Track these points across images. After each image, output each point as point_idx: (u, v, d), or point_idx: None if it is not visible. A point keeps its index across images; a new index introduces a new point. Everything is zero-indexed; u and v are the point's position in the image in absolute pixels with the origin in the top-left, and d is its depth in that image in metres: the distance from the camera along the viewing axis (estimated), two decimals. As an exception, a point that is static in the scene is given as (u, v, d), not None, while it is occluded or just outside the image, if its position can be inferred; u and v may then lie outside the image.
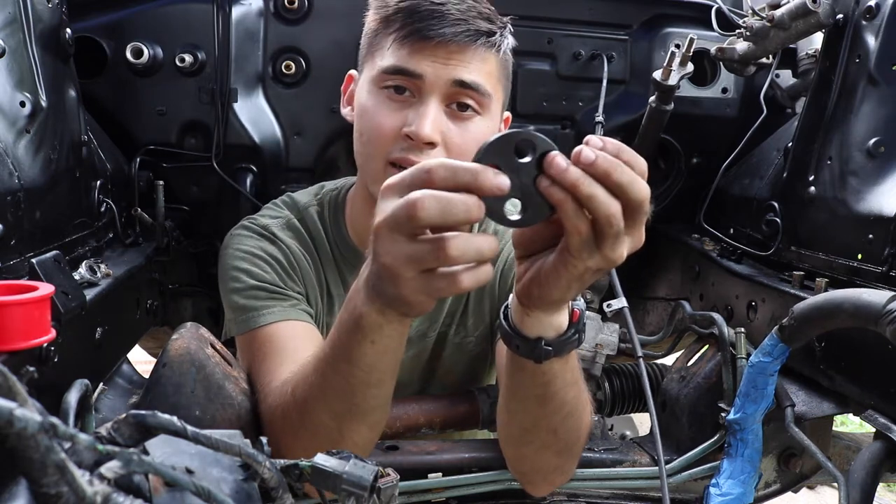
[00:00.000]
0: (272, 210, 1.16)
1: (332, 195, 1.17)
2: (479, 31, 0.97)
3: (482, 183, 0.58)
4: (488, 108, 1.00)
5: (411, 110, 0.97)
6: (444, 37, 0.94)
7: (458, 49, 0.96)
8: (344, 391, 0.77)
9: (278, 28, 1.45)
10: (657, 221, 1.71)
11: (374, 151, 0.99)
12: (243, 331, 1.02)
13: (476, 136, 0.98)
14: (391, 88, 0.98)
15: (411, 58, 0.96)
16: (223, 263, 1.08)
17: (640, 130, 1.40)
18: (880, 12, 1.14)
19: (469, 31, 0.96)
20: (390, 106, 0.98)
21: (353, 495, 0.57)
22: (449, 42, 0.95)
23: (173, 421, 0.49)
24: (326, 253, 1.13)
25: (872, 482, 0.94)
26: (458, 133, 0.98)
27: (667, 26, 1.58)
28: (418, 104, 0.97)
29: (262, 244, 1.08)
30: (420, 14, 0.95)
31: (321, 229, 1.14)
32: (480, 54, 0.97)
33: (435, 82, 0.96)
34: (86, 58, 1.34)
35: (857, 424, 3.04)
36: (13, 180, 0.81)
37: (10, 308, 0.60)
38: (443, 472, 1.00)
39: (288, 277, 1.07)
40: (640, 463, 1.13)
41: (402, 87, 0.97)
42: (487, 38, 0.98)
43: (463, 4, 0.97)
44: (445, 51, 0.95)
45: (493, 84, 1.00)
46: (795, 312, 0.98)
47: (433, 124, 0.95)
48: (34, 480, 0.40)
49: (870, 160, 1.11)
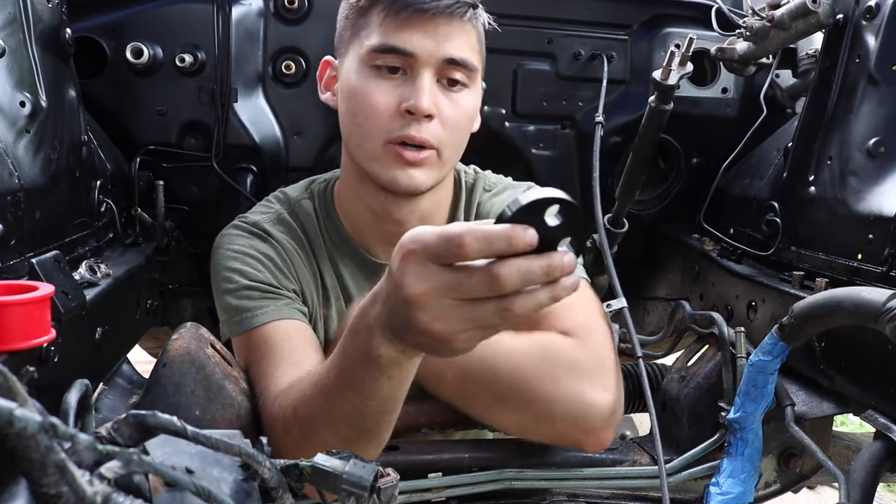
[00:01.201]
0: (263, 206, 1.16)
1: (321, 186, 1.17)
2: (467, 3, 0.99)
3: (517, 245, 0.57)
4: (475, 81, 1.04)
5: (405, 87, 0.98)
6: (438, 9, 0.96)
7: (445, 22, 0.98)
8: (354, 418, 0.75)
9: (278, 28, 1.45)
10: (657, 221, 1.72)
11: (372, 130, 1.00)
12: (238, 332, 1.02)
13: (465, 108, 1.02)
14: (384, 69, 0.99)
15: (401, 34, 0.97)
16: (215, 264, 1.07)
17: (640, 130, 1.40)
18: (880, 12, 1.14)
19: (458, 3, 0.98)
20: (384, 85, 0.99)
21: (353, 495, 0.57)
22: (440, 15, 0.97)
23: (173, 421, 0.49)
24: (319, 244, 1.13)
25: (872, 482, 0.94)
26: (450, 106, 1.01)
27: (667, 26, 1.58)
28: (412, 80, 0.98)
29: (253, 242, 1.07)
30: None
31: (314, 220, 1.14)
32: (465, 28, 1.00)
33: (427, 59, 0.98)
34: (86, 58, 1.34)
35: (857, 424, 3.04)
36: (13, 180, 0.81)
37: (10, 308, 0.60)
38: (443, 472, 1.00)
39: (281, 275, 1.06)
40: (640, 463, 1.13)
41: (395, 67, 0.99)
42: (473, 9, 1.01)
43: None
44: (434, 25, 0.97)
45: (476, 57, 1.03)
46: (795, 311, 0.98)
47: (430, 97, 0.97)
48: (34, 480, 0.40)
49: (870, 160, 1.11)
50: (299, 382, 0.86)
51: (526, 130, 1.58)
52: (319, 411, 0.78)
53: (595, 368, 0.91)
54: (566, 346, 0.92)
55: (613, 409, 0.91)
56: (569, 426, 0.91)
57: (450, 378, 0.92)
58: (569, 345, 0.92)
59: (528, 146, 1.58)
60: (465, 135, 1.06)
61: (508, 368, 0.89)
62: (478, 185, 1.19)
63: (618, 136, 1.59)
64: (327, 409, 0.77)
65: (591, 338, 0.94)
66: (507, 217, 0.58)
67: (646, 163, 1.43)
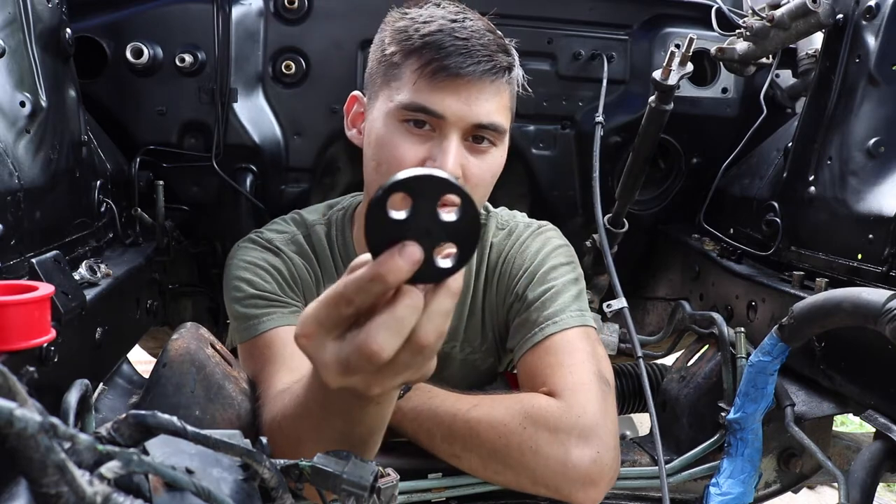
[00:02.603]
0: (279, 225, 1.17)
1: (339, 215, 1.18)
2: (503, 67, 0.98)
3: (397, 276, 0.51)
4: (503, 140, 1.03)
5: (432, 143, 0.97)
6: (474, 74, 0.94)
7: (479, 87, 0.96)
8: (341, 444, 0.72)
9: (278, 28, 1.45)
10: (657, 221, 1.72)
11: None
12: (244, 339, 1.04)
13: (492, 167, 1.01)
14: (411, 122, 0.98)
15: (433, 95, 0.95)
16: (227, 274, 1.10)
17: (639, 130, 1.40)
18: (880, 12, 1.14)
19: (495, 68, 0.96)
20: (411, 139, 0.98)
21: (353, 495, 0.57)
22: (475, 79, 0.95)
23: (173, 421, 0.49)
24: (330, 271, 1.14)
25: (872, 482, 0.94)
26: (477, 164, 0.99)
27: (667, 26, 1.58)
28: (439, 139, 0.97)
29: (265, 255, 1.10)
30: (447, 50, 0.94)
31: (326, 247, 1.15)
32: (499, 89, 0.99)
33: (457, 123, 0.96)
34: (86, 58, 1.34)
35: (857, 424, 3.04)
36: (13, 180, 0.81)
37: (10, 308, 0.60)
38: (443, 473, 1.00)
39: (288, 288, 1.08)
40: (640, 463, 1.13)
41: (422, 122, 0.98)
42: (508, 73, 0.99)
43: (484, 38, 0.97)
44: (467, 89, 0.96)
45: (506, 116, 1.02)
46: (795, 311, 0.98)
47: (457, 159, 0.96)
48: (34, 480, 0.40)
49: (870, 160, 1.11)
50: (286, 393, 0.84)
51: (526, 130, 1.58)
52: (305, 434, 0.76)
53: (578, 430, 0.91)
54: (549, 410, 0.92)
55: (600, 468, 0.90)
56: (551, 490, 0.91)
57: (438, 438, 0.95)
58: (553, 407, 0.92)
59: (528, 146, 1.59)
60: (488, 190, 1.05)
61: (490, 433, 0.91)
62: (490, 224, 1.18)
63: (618, 136, 1.59)
64: (313, 434, 0.75)
65: (578, 399, 0.93)
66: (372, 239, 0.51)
67: (646, 163, 1.43)
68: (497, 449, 0.91)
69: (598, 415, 0.92)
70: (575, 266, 1.14)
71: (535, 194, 1.63)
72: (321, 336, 0.56)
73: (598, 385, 0.96)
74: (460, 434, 0.93)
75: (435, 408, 0.95)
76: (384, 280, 0.51)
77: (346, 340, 0.55)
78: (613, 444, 0.93)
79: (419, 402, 0.97)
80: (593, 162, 1.42)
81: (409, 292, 0.52)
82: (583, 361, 0.99)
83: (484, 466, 0.94)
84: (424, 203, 0.50)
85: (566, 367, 0.98)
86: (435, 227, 0.51)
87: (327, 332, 0.56)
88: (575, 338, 1.02)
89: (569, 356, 0.99)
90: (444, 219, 0.51)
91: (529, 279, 1.09)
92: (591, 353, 1.01)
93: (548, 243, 1.14)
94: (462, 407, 0.94)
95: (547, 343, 1.02)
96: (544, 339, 1.02)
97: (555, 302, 1.05)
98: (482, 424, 0.92)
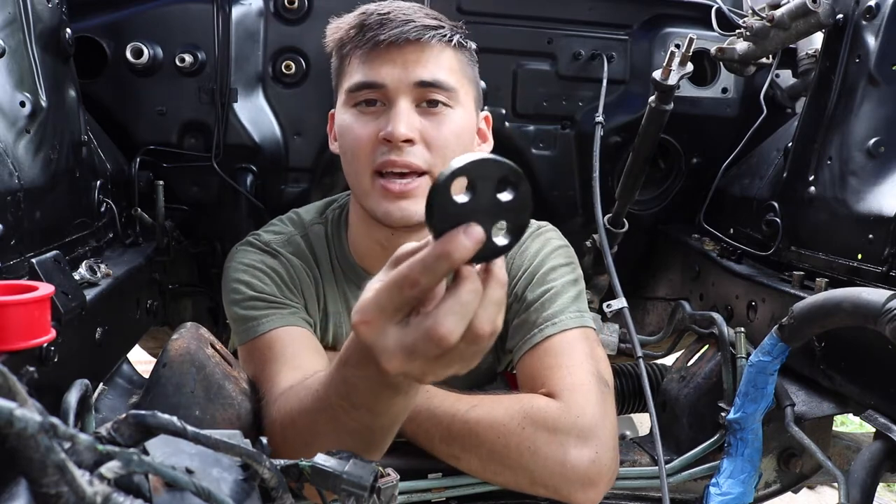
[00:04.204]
0: (276, 226, 1.18)
1: (335, 213, 1.19)
2: (427, 27, 1.01)
3: (462, 254, 0.53)
4: (458, 101, 1.04)
5: (383, 117, 1.00)
6: (393, 36, 0.98)
7: (411, 49, 0.99)
8: (362, 434, 0.74)
9: (278, 28, 1.45)
10: (657, 221, 1.72)
11: (360, 166, 1.02)
12: (244, 341, 1.04)
13: (452, 128, 1.02)
14: (361, 103, 1.02)
15: (370, 69, 1.00)
16: (226, 276, 1.10)
17: (639, 130, 1.40)
18: (880, 12, 1.14)
19: (416, 27, 0.99)
20: (364, 119, 1.02)
21: (353, 495, 0.57)
22: (400, 42, 0.98)
23: (173, 421, 0.49)
24: (328, 270, 1.14)
25: (872, 482, 0.94)
26: (434, 127, 1.01)
27: (667, 26, 1.58)
28: (388, 109, 1.00)
29: (263, 258, 1.10)
30: (368, 25, 1.01)
31: (325, 246, 1.15)
32: (435, 51, 1.01)
33: (398, 87, 0.99)
34: (86, 58, 1.34)
35: (857, 424, 3.04)
36: (13, 180, 0.81)
37: (10, 308, 0.60)
38: (442, 473, 1.00)
39: (287, 289, 1.08)
40: (640, 463, 1.13)
41: (371, 100, 1.01)
42: (435, 30, 1.01)
43: (408, 9, 1.02)
44: (399, 52, 0.99)
45: (456, 78, 1.03)
46: (795, 311, 0.98)
47: (406, 123, 0.98)
48: (34, 480, 0.40)
49: (870, 160, 1.11)
50: (298, 389, 0.86)
51: (526, 130, 1.58)
52: (322, 427, 0.77)
53: (577, 431, 0.91)
54: (548, 410, 0.92)
55: (598, 468, 0.91)
56: (550, 490, 0.92)
57: (437, 439, 0.95)
58: (552, 408, 0.93)
59: (528, 146, 1.59)
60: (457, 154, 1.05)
61: (489, 434, 0.92)
62: None
63: (618, 136, 1.59)
64: (331, 426, 0.75)
65: (576, 400, 0.93)
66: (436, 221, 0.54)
67: (646, 163, 1.43)
68: (496, 449, 0.91)
69: (596, 415, 0.93)
70: (574, 267, 1.14)
71: (535, 194, 1.63)
72: (383, 321, 0.57)
73: (596, 386, 0.96)
74: (459, 434, 0.93)
75: (434, 408, 0.95)
76: (450, 258, 0.53)
77: (412, 326, 0.57)
78: (612, 444, 0.93)
79: (418, 402, 0.97)
80: (593, 162, 1.42)
81: (471, 277, 0.55)
82: (581, 362, 0.99)
83: (483, 467, 0.94)
84: (483, 185, 0.53)
85: (565, 367, 0.98)
86: (493, 206, 0.54)
87: (389, 317, 0.57)
88: (574, 339, 1.02)
89: (568, 357, 0.99)
90: (501, 199, 0.54)
91: (529, 280, 1.09)
92: (589, 354, 1.01)
93: (547, 244, 1.14)
94: (461, 407, 0.94)
95: (546, 344, 1.02)
96: (543, 340, 1.02)
97: (554, 303, 1.05)
98: (481, 425, 0.92)
